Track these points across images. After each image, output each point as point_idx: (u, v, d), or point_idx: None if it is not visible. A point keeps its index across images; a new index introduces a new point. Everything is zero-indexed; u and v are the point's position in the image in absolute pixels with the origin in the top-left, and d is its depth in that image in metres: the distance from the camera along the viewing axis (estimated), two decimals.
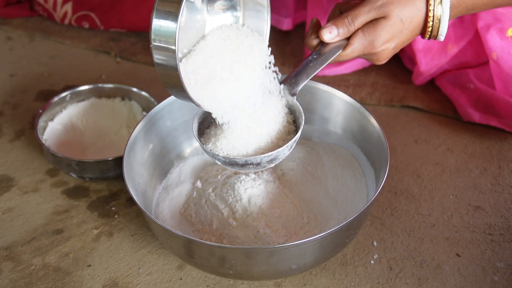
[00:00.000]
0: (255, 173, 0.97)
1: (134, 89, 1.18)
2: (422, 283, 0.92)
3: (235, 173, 0.98)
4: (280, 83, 0.89)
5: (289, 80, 0.89)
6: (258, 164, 0.85)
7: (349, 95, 0.99)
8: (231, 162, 0.85)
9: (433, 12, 0.88)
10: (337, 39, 0.88)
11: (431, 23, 0.89)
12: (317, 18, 0.92)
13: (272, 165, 0.86)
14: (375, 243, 0.97)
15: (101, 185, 1.08)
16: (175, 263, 0.96)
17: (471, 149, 1.12)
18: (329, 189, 0.99)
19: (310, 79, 0.89)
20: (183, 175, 1.02)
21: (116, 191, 1.07)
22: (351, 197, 0.97)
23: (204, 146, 0.86)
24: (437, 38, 0.91)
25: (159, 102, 1.01)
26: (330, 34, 0.88)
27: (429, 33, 0.90)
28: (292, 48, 1.36)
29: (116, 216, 1.03)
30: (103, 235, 1.00)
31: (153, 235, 0.99)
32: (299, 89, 0.89)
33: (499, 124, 1.12)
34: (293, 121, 0.89)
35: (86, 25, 1.43)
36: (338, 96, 1.00)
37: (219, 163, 0.87)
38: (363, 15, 0.87)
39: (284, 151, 0.85)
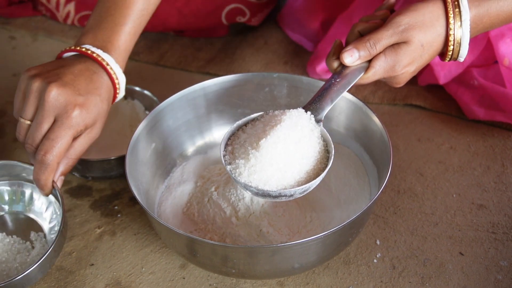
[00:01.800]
0: None
1: (137, 88, 1.18)
2: (425, 282, 0.92)
3: None
4: (303, 108, 0.88)
5: (312, 105, 0.89)
6: (291, 195, 0.84)
7: (352, 94, 0.99)
8: (263, 194, 0.84)
9: (454, 36, 0.89)
10: (358, 62, 0.89)
11: (451, 47, 0.90)
12: (340, 40, 0.92)
13: (303, 194, 0.86)
14: (378, 242, 0.97)
15: (104, 184, 1.08)
16: (177, 262, 0.96)
17: (474, 148, 1.12)
18: (331, 187, 0.98)
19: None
20: (186, 174, 1.02)
21: (119, 190, 1.07)
22: (353, 196, 0.97)
23: (234, 176, 0.84)
24: (457, 59, 0.92)
25: (161, 101, 1.01)
26: (351, 58, 0.89)
27: (449, 56, 0.91)
28: (294, 47, 1.36)
29: (119, 215, 1.03)
30: (106, 234, 1.00)
31: (156, 234, 0.99)
32: (324, 114, 0.89)
33: (504, 118, 1.11)
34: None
35: None
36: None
37: (249, 193, 0.86)
38: (385, 39, 0.88)
39: (316, 182, 0.85)
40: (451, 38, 0.89)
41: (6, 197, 1.00)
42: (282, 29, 1.39)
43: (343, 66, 0.90)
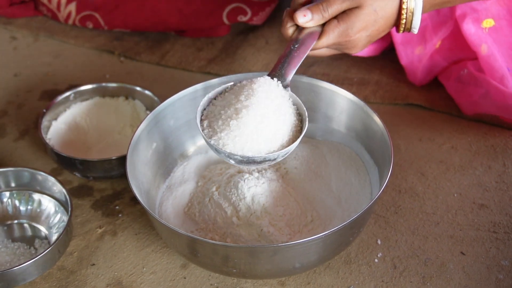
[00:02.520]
0: (258, 172, 0.97)
1: (138, 88, 1.18)
2: (426, 282, 0.92)
3: (239, 172, 0.97)
4: (268, 75, 0.90)
5: (277, 72, 0.90)
6: (275, 159, 0.87)
7: (353, 94, 0.99)
8: (248, 161, 0.85)
9: (407, 5, 0.91)
10: (311, 23, 0.91)
11: (404, 15, 0.92)
12: (290, 9, 0.94)
13: (285, 157, 0.88)
14: (379, 242, 0.97)
15: (105, 184, 1.08)
16: (179, 262, 0.96)
17: (475, 147, 1.12)
18: (332, 187, 0.98)
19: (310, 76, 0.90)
20: (187, 174, 1.02)
21: (120, 190, 1.07)
22: (355, 195, 0.97)
23: (214, 143, 0.86)
24: (411, 30, 0.94)
25: (162, 101, 1.01)
26: (305, 18, 0.91)
27: (403, 26, 0.93)
28: None
29: (120, 215, 1.03)
30: (107, 234, 1.00)
31: (157, 234, 0.99)
32: (290, 79, 0.90)
33: (496, 111, 1.11)
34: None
35: (90, 25, 1.43)
36: (342, 95, 1.00)
37: (232, 162, 0.87)
38: (337, 4, 0.91)
39: (296, 144, 0.87)
40: (404, 6, 0.91)
41: (14, 206, 1.01)
42: None
43: (298, 32, 0.92)
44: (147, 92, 1.17)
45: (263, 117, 0.85)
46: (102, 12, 1.41)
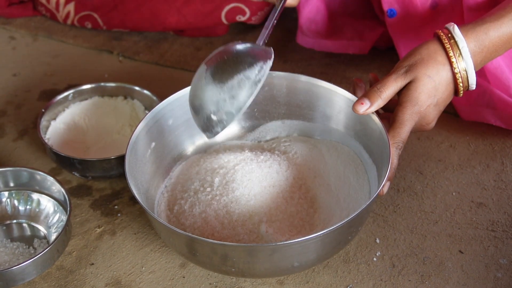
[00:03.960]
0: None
1: (137, 88, 1.18)
2: (424, 280, 0.92)
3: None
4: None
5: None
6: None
7: (351, 93, 0.99)
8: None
9: (457, 64, 0.92)
10: (372, 110, 0.93)
11: (458, 74, 0.93)
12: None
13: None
14: (377, 240, 0.97)
15: (104, 184, 1.08)
16: (177, 261, 0.96)
17: (473, 146, 1.12)
18: (331, 186, 0.99)
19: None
20: (186, 174, 1.02)
21: (119, 189, 1.07)
22: (353, 194, 0.97)
23: None
24: (469, 88, 0.95)
25: (161, 101, 1.01)
26: (363, 106, 0.92)
27: (461, 85, 0.94)
28: (294, 45, 1.36)
29: (119, 214, 1.03)
30: (106, 234, 1.00)
31: (156, 233, 0.99)
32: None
33: (494, 120, 1.11)
34: None
35: (89, 25, 1.43)
36: (340, 94, 1.00)
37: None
38: (390, 82, 0.92)
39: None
40: (455, 66, 0.92)
41: (13, 206, 1.01)
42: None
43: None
44: (146, 91, 1.17)
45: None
46: (101, 12, 1.41)
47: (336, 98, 1.01)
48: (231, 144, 1.08)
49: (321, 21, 1.29)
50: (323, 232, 0.81)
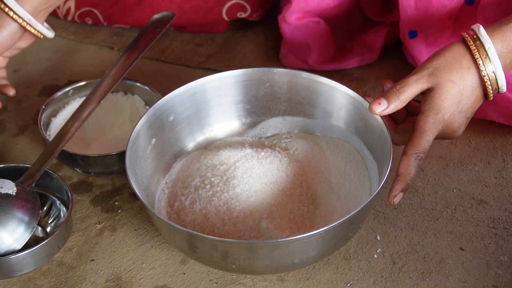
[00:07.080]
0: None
1: (137, 84, 1.18)
2: (425, 277, 0.92)
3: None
4: None
5: None
6: None
7: (352, 89, 0.99)
8: None
9: (484, 67, 0.88)
10: (389, 111, 0.89)
11: (487, 78, 0.88)
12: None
13: None
14: (378, 237, 0.97)
15: (105, 179, 1.08)
16: (178, 258, 0.96)
17: (475, 143, 1.12)
18: (332, 183, 0.98)
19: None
20: (186, 170, 1.02)
21: (120, 185, 1.07)
22: (354, 191, 0.97)
23: None
24: (499, 91, 0.90)
25: (162, 97, 1.01)
26: (380, 106, 0.88)
27: (490, 91, 0.89)
28: None
29: (119, 210, 1.03)
30: (106, 230, 1.00)
31: (156, 229, 0.99)
32: None
33: (497, 117, 1.11)
34: None
35: (89, 21, 1.43)
36: (341, 90, 1.00)
37: None
38: (412, 83, 0.88)
39: None
40: (482, 68, 0.88)
41: None
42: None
43: None
44: (146, 87, 1.17)
45: None
46: (101, 8, 1.40)
47: (337, 94, 1.01)
48: (231, 140, 1.08)
49: (328, 53, 1.27)
50: (324, 229, 0.81)
